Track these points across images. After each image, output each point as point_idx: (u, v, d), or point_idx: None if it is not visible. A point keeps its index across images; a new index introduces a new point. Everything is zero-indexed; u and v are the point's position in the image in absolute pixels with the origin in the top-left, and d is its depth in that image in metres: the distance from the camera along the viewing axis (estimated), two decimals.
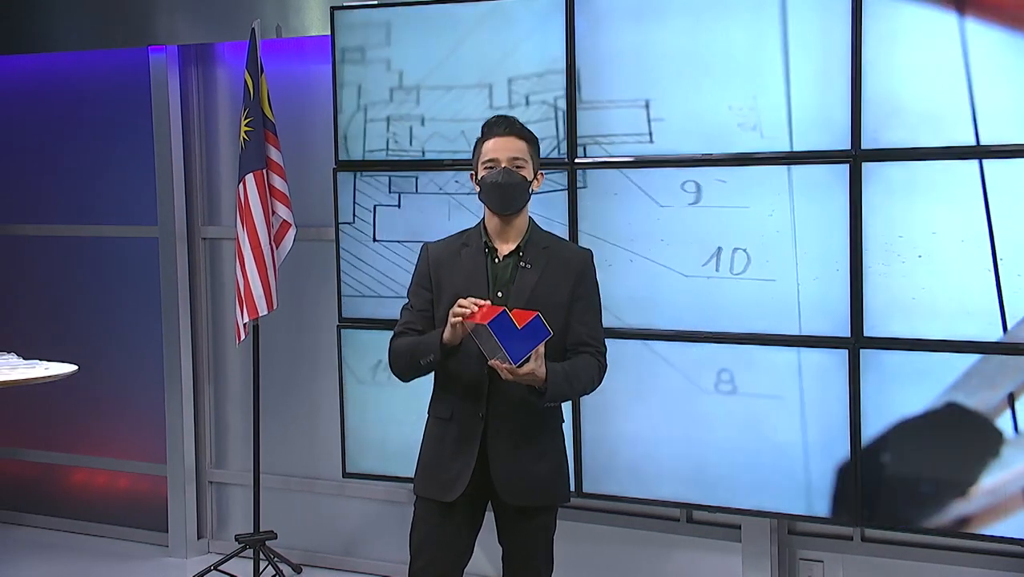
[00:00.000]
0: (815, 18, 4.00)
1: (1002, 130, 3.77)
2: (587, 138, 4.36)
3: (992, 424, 3.82)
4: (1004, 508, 3.82)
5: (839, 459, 4.06)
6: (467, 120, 4.50)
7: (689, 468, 4.30)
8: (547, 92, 4.40)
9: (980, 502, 3.87)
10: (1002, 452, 3.80)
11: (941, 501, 3.92)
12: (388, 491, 5.16)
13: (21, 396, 5.56)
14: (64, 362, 4.52)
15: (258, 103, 4.91)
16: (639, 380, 4.32)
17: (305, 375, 5.35)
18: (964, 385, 3.85)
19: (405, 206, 4.70)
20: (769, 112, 4.08)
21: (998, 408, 3.82)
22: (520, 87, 4.44)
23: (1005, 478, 3.81)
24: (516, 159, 3.34)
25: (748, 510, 4.26)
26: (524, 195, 3.36)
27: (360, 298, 4.79)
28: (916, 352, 3.91)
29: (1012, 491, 3.81)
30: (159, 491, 5.69)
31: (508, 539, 3.47)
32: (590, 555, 4.80)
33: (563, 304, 3.36)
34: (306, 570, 5.28)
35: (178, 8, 5.35)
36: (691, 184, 4.21)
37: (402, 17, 4.64)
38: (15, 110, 5.99)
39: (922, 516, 3.96)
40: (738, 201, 4.15)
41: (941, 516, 3.93)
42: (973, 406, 3.84)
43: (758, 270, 4.14)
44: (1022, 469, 3.80)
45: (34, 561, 5.56)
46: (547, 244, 3.42)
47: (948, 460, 3.91)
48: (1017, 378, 3.78)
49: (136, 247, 5.70)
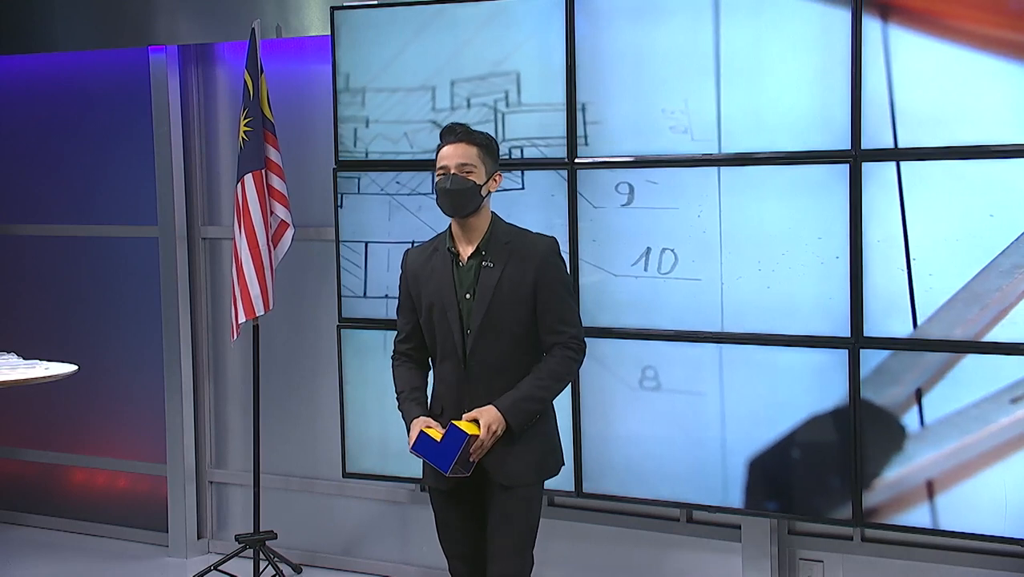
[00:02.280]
0: (746, 22, 4.11)
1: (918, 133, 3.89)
2: (525, 140, 4.48)
3: (897, 420, 3.97)
4: (907, 500, 3.99)
5: (751, 452, 4.21)
6: (410, 122, 4.65)
7: (620, 461, 4.43)
8: (488, 95, 4.52)
9: (884, 494, 4.03)
10: (905, 446, 3.97)
11: (847, 493, 4.06)
12: (388, 491, 5.16)
13: (21, 396, 5.56)
14: (64, 362, 4.52)
15: (258, 103, 4.91)
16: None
17: (305, 375, 5.35)
18: (873, 381, 4.00)
19: (348, 207, 4.80)
20: (700, 115, 4.20)
21: (905, 404, 3.96)
22: (462, 90, 4.56)
23: (907, 471, 3.98)
24: (465, 165, 3.48)
25: (748, 510, 4.26)
26: (475, 198, 3.49)
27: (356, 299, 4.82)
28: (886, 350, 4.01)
29: (915, 483, 3.97)
30: (159, 491, 5.69)
31: (492, 512, 3.55)
32: (590, 555, 4.80)
33: (528, 296, 3.50)
34: (306, 570, 5.27)
35: (178, 8, 5.35)
36: (624, 185, 4.33)
37: (350, 20, 4.71)
38: (15, 110, 5.99)
39: (829, 507, 4.11)
40: (668, 202, 4.26)
41: (847, 507, 4.08)
42: (880, 402, 3.99)
43: (685, 269, 4.26)
44: (924, 462, 3.95)
45: (34, 561, 5.56)
46: (508, 239, 3.55)
47: (852, 454, 4.05)
48: (924, 374, 3.93)
49: (136, 247, 5.70)
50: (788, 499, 4.21)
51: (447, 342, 3.52)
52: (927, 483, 3.96)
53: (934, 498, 3.95)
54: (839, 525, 4.26)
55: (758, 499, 4.24)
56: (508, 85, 4.48)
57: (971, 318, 3.84)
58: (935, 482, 3.95)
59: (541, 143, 4.45)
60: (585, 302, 4.35)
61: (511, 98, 4.48)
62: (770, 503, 4.24)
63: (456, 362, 3.52)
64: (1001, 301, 3.81)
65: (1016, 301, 3.79)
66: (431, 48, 4.59)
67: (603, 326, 4.38)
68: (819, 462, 4.13)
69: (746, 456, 4.23)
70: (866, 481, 4.04)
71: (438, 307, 3.53)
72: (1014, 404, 3.81)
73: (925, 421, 3.94)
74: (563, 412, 3.96)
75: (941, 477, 3.94)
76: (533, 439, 3.54)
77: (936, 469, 3.94)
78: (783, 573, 4.48)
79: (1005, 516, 3.87)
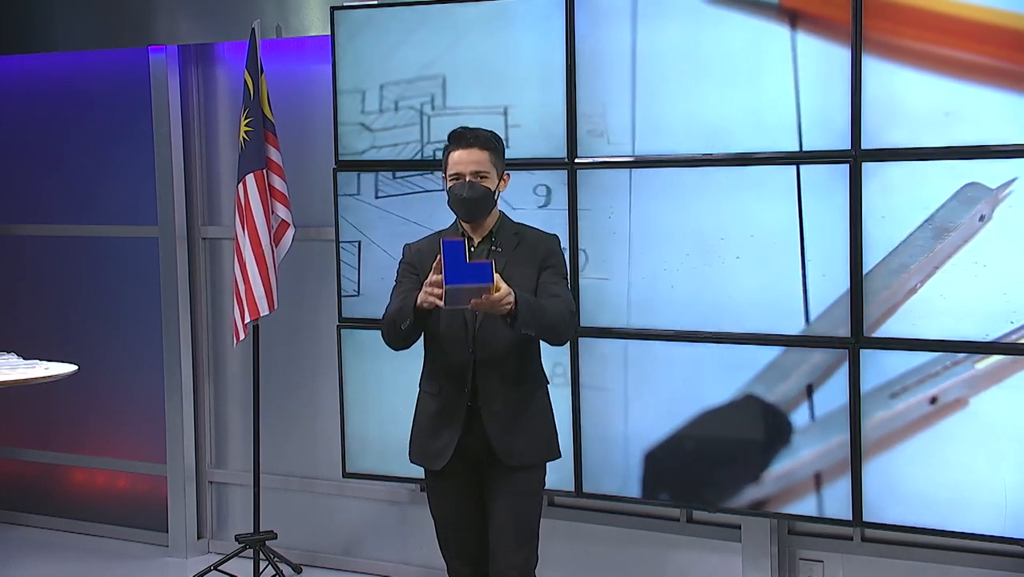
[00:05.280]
0: (667, 26, 4.22)
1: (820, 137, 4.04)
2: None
3: (786, 415, 4.15)
4: (794, 492, 4.17)
5: (647, 445, 4.37)
6: (342, 124, 4.78)
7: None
8: (415, 98, 4.64)
9: (772, 486, 4.21)
10: (793, 441, 4.15)
11: (736, 485, 4.25)
12: (388, 491, 5.16)
13: (21, 396, 5.56)
14: (64, 362, 4.52)
15: (258, 103, 4.91)
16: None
17: (305, 375, 5.35)
18: (764, 377, 4.17)
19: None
20: (615, 119, 4.31)
21: (795, 400, 4.14)
22: (391, 92, 4.67)
23: (794, 465, 4.16)
24: (479, 172, 3.54)
25: (748, 510, 4.27)
26: (489, 204, 3.59)
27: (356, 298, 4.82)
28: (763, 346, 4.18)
29: (803, 476, 4.15)
30: (159, 491, 5.69)
31: (497, 502, 3.57)
32: (590, 555, 4.80)
33: (533, 283, 3.57)
34: (306, 570, 5.28)
35: (178, 8, 5.36)
36: (542, 188, 4.45)
37: (350, 20, 4.74)
38: (15, 110, 5.99)
39: (720, 498, 4.29)
40: (583, 204, 4.38)
41: (738, 498, 4.26)
42: (770, 398, 4.17)
43: (595, 269, 4.40)
44: (810, 456, 4.13)
45: (34, 561, 5.56)
46: (517, 231, 3.66)
47: (744, 448, 4.23)
48: (815, 370, 4.10)
49: (136, 247, 5.70)
50: (684, 491, 4.36)
51: (452, 325, 3.55)
52: (815, 475, 4.13)
53: (821, 490, 4.12)
54: (839, 525, 4.26)
55: (654, 489, 4.39)
56: (434, 89, 4.59)
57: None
58: (823, 474, 4.12)
59: None
60: None
61: (436, 101, 4.60)
62: (664, 494, 4.40)
63: (463, 346, 3.55)
64: (889, 299, 3.97)
65: (904, 299, 3.96)
66: (365, 50, 4.71)
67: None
68: (714, 455, 4.28)
69: (643, 448, 4.38)
70: (755, 474, 4.21)
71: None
72: (893, 399, 3.99)
73: (816, 416, 4.11)
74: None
75: (828, 469, 4.11)
76: (536, 418, 3.61)
77: (823, 462, 4.11)
78: (783, 573, 4.48)
79: (1005, 516, 3.87)
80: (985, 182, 3.82)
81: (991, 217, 3.82)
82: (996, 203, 3.81)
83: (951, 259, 3.88)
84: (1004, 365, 3.83)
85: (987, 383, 3.87)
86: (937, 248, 3.88)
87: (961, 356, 3.88)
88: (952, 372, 3.91)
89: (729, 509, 4.31)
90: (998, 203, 3.81)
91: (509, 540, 3.55)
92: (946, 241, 3.87)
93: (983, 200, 3.83)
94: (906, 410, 3.98)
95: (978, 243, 3.84)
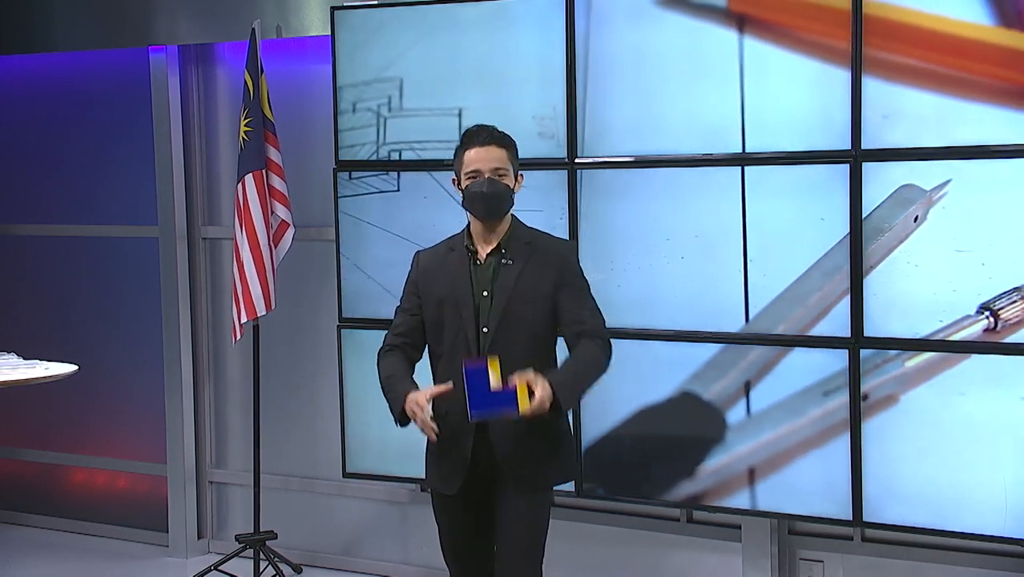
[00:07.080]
0: (611, 30, 4.28)
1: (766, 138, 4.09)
2: (404, 144, 4.67)
3: (722, 412, 4.22)
4: (728, 487, 4.26)
5: (588, 440, 4.44)
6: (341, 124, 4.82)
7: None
8: (372, 100, 4.69)
9: (706, 481, 4.29)
10: (727, 437, 4.23)
11: (672, 479, 4.33)
12: (388, 491, 5.16)
13: (21, 396, 5.55)
14: (64, 362, 4.52)
15: (258, 103, 4.91)
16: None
17: (305, 375, 5.35)
18: (702, 375, 4.24)
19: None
20: (616, 119, 4.32)
21: (733, 396, 4.21)
22: (349, 95, 4.73)
23: (728, 460, 4.24)
24: (498, 169, 3.45)
25: (748, 510, 4.27)
26: (508, 202, 3.48)
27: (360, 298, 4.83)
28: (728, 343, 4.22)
29: (738, 471, 4.23)
30: (159, 491, 5.69)
31: (506, 520, 3.46)
32: (590, 555, 4.80)
33: (548, 294, 3.46)
34: (306, 570, 5.28)
35: (178, 8, 5.36)
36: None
37: (350, 20, 4.75)
38: (15, 110, 5.99)
39: (657, 491, 4.36)
40: (534, 205, 4.35)
41: (674, 492, 4.33)
42: (706, 396, 4.25)
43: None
44: (744, 452, 4.21)
45: (34, 561, 5.56)
46: (529, 239, 3.52)
47: (679, 444, 4.32)
48: (752, 368, 4.17)
49: (136, 247, 5.70)
50: (618, 486, 4.45)
51: (459, 340, 3.43)
52: (748, 470, 4.21)
53: (754, 484, 4.21)
54: (839, 525, 4.26)
55: (591, 486, 4.46)
56: (392, 90, 4.63)
57: (794, 316, 4.10)
58: (755, 469, 4.20)
59: (418, 147, 4.63)
60: None
61: (394, 103, 4.63)
62: (601, 489, 4.47)
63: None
64: (822, 300, 4.05)
65: (837, 300, 4.03)
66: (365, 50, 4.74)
67: None
68: (649, 451, 4.36)
69: (584, 443, 4.44)
70: (689, 469, 4.28)
71: (450, 304, 3.46)
72: (825, 397, 4.07)
73: (752, 412, 4.18)
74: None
75: (761, 465, 4.19)
76: (549, 438, 3.48)
77: (756, 457, 4.20)
78: (783, 573, 4.48)
79: (1005, 516, 3.87)
80: (920, 184, 3.87)
81: (925, 218, 3.87)
82: (930, 204, 3.85)
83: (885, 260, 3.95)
84: (934, 363, 3.91)
85: (917, 380, 3.93)
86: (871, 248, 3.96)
87: (892, 353, 3.95)
88: (882, 369, 3.97)
89: (723, 509, 4.31)
90: (932, 204, 3.85)
91: (516, 561, 3.46)
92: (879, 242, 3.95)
93: (918, 201, 3.87)
94: (839, 407, 4.04)
95: (912, 244, 3.91)
